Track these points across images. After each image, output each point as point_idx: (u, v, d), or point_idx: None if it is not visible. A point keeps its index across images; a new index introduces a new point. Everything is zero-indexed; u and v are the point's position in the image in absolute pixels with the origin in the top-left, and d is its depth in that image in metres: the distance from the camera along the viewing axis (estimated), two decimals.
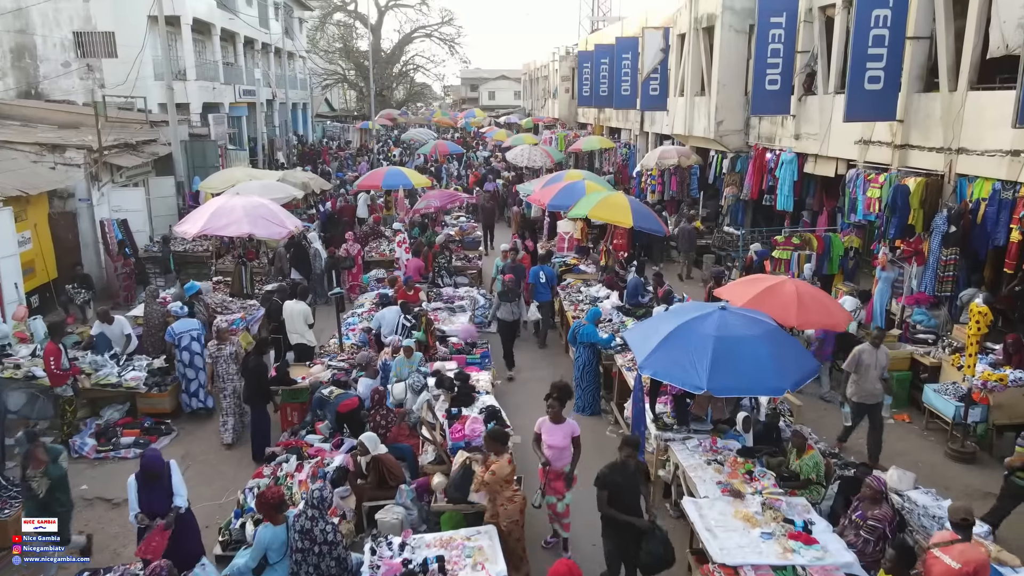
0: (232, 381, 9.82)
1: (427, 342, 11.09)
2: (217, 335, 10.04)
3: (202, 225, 12.66)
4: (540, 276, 13.65)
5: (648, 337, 7.56)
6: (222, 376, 9.85)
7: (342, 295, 11.60)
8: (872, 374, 8.94)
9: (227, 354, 9.87)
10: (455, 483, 7.10)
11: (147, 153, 18.29)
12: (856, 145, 14.98)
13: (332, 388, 9.26)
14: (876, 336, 9.11)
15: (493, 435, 7.02)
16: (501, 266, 14.24)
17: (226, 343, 9.97)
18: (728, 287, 9.25)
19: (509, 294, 12.42)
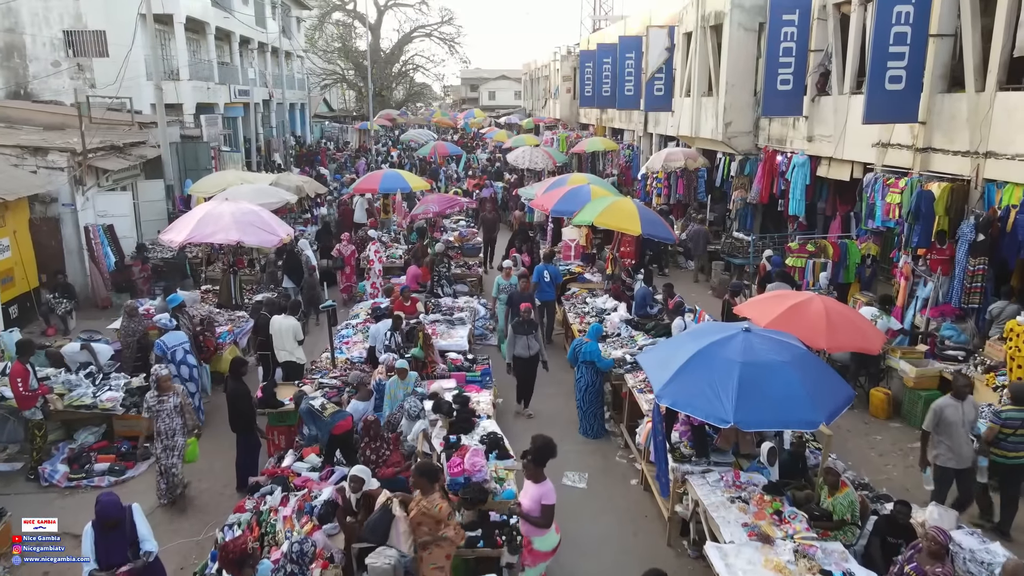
0: (175, 436, 8.39)
1: (425, 359, 10.42)
2: (157, 384, 8.40)
3: (188, 233, 12.00)
4: (544, 275, 13.61)
5: (665, 362, 6.89)
6: (164, 432, 8.33)
7: (335, 308, 10.92)
8: (960, 433, 7.47)
9: (170, 407, 8.36)
10: (371, 526, 6.28)
11: (135, 156, 17.63)
12: (874, 148, 14.31)
13: (324, 401, 8.53)
14: (961, 385, 7.64)
15: (421, 470, 6.24)
16: (503, 285, 13.04)
17: (168, 394, 8.39)
18: (750, 305, 8.58)
19: (526, 326, 10.70)
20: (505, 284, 13.01)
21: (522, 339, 10.55)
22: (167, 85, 26.98)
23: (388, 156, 39.40)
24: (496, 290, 13.19)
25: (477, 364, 11.01)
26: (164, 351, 10.08)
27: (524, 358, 10.63)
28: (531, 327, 10.64)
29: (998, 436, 7.55)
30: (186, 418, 8.55)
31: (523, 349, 10.59)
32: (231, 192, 16.54)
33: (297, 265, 14.98)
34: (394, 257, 17.41)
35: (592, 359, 9.76)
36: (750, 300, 8.93)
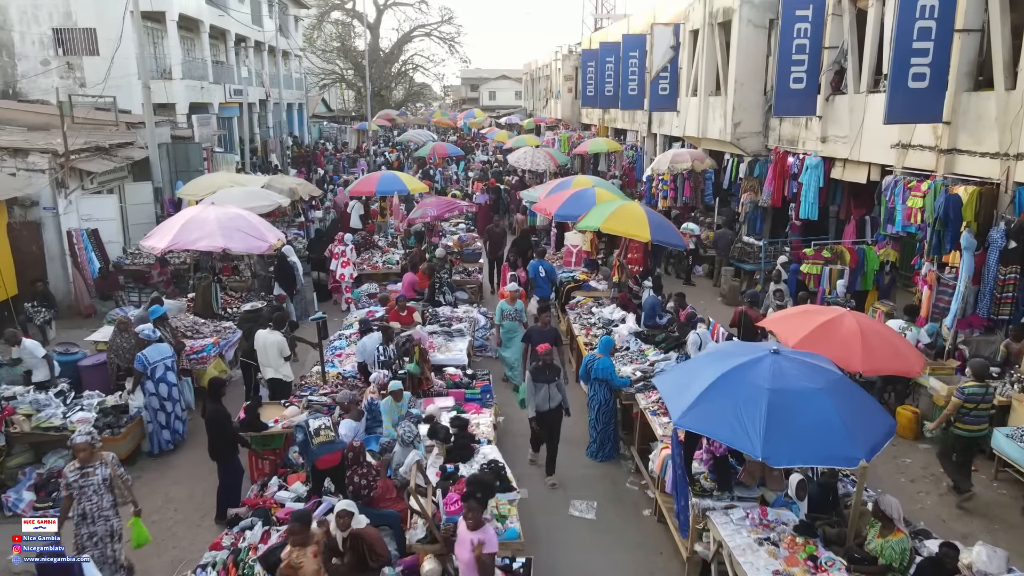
0: (104, 521, 6.59)
1: (421, 375, 9.74)
2: (75, 452, 6.58)
3: (171, 239, 11.32)
4: (540, 270, 13.80)
5: (685, 386, 6.22)
6: (89, 516, 6.54)
7: (325, 320, 10.24)
8: None
9: (97, 482, 6.51)
10: None
11: (121, 157, 16.95)
12: (893, 149, 13.63)
13: (321, 424, 7.78)
14: None
15: (295, 516, 5.79)
16: (507, 311, 11.53)
17: (93, 465, 6.53)
18: (776, 320, 7.88)
19: (547, 372, 8.62)
20: (510, 310, 11.56)
21: (543, 388, 8.63)
22: (159, 84, 26.43)
23: (385, 157, 38.71)
24: (499, 316, 11.64)
25: (477, 380, 10.33)
26: (145, 366, 9.40)
27: (545, 411, 8.73)
28: (554, 373, 8.69)
29: (960, 411, 8.02)
30: (119, 493, 6.71)
31: (544, 400, 8.67)
32: (221, 195, 15.88)
33: (290, 273, 14.30)
34: (390, 263, 16.74)
35: (606, 376, 9.04)
36: (776, 315, 8.22)
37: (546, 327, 10.07)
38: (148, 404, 9.53)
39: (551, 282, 14.14)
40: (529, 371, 8.84)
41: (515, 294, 11.69)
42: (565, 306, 13.57)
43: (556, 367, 8.82)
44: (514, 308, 11.52)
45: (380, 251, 17.65)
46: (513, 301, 11.57)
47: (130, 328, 10.32)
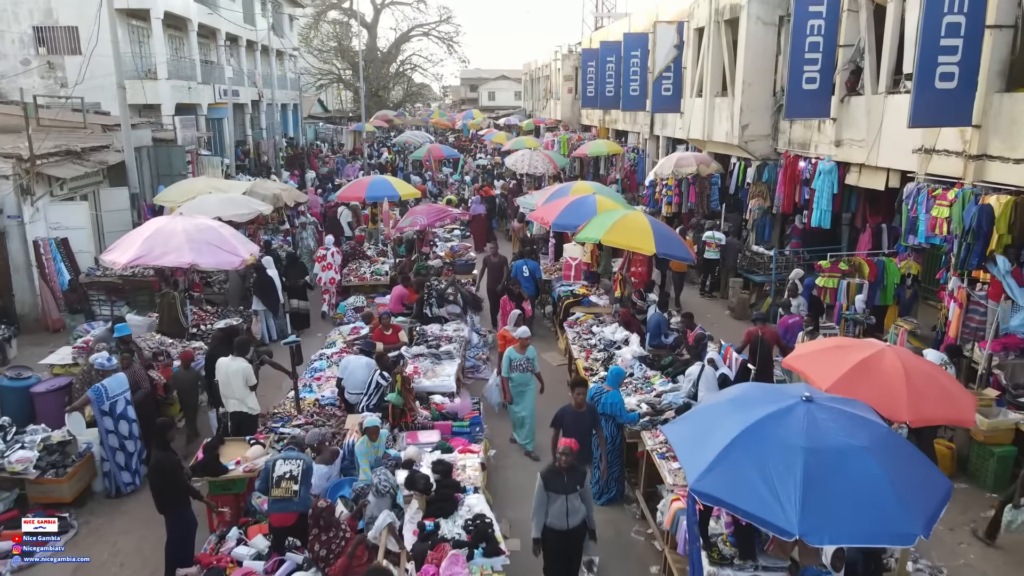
0: None
1: (404, 406, 8.81)
2: None
3: (133, 253, 10.38)
4: (524, 270, 13.78)
5: (702, 439, 5.29)
6: None
7: (299, 343, 9.31)
8: None
9: None
10: None
11: (94, 162, 16.01)
12: (915, 154, 12.69)
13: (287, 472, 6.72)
14: None
15: None
16: (517, 360, 9.64)
17: None
18: (804, 358, 6.90)
19: (565, 479, 6.26)
20: (519, 359, 9.65)
21: (558, 500, 6.19)
22: (145, 84, 25.56)
23: (377, 159, 37.76)
24: (507, 366, 9.67)
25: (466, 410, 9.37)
26: (103, 399, 8.44)
27: (560, 531, 6.25)
28: (576, 479, 6.28)
29: None
30: None
31: (558, 517, 6.21)
32: (198, 202, 14.97)
33: (270, 285, 13.37)
34: (379, 274, 15.80)
35: (614, 412, 8.09)
36: (803, 350, 7.22)
37: (582, 408, 7.63)
38: (106, 442, 8.55)
39: (535, 281, 14.17)
40: (541, 476, 6.29)
41: (525, 340, 9.79)
42: (564, 323, 12.63)
43: (581, 472, 6.39)
44: (524, 357, 9.73)
45: (368, 261, 16.71)
46: (523, 349, 9.74)
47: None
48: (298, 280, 14.83)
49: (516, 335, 9.85)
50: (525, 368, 9.72)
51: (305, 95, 55.96)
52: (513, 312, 11.16)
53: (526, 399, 9.76)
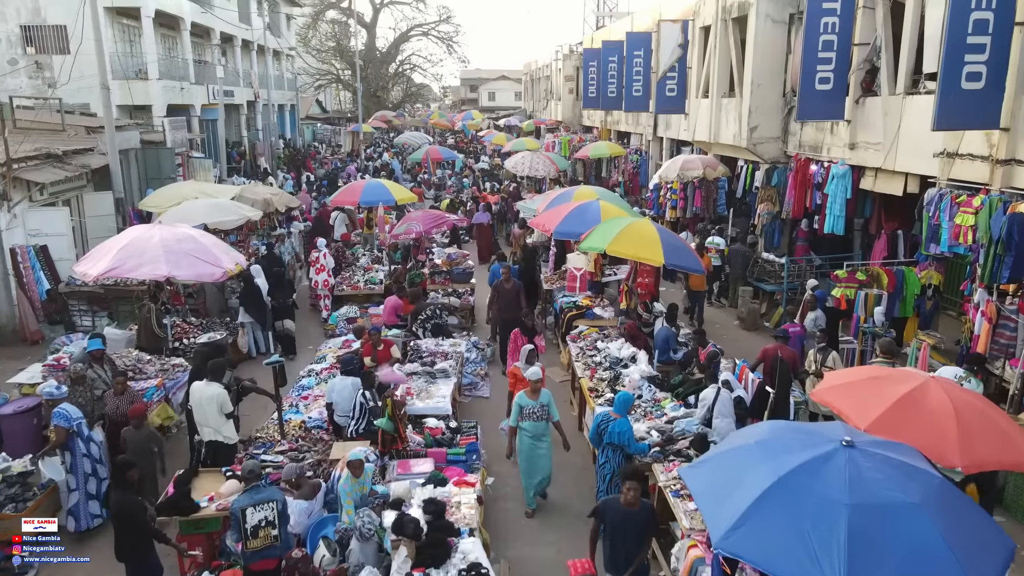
0: None
1: (395, 432, 8.15)
2: None
3: (106, 265, 9.72)
4: (500, 273, 13.25)
5: (727, 490, 4.63)
6: None
7: (282, 364, 8.66)
8: None
9: None
10: None
11: (76, 165, 15.36)
12: (937, 158, 12.03)
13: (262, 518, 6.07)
14: None
15: None
16: (529, 408, 8.15)
17: None
18: (838, 390, 6.14)
19: None
20: (532, 406, 8.12)
21: None
22: (135, 85, 24.92)
23: (382, 160, 37.09)
24: (516, 414, 8.20)
25: (462, 435, 8.71)
26: (69, 422, 7.77)
27: None
28: None
29: None
30: None
31: None
32: (184, 208, 14.34)
33: (257, 296, 12.71)
34: (373, 282, 15.14)
35: (622, 443, 7.39)
36: (834, 381, 6.46)
37: (634, 504, 6.05)
38: (76, 467, 7.85)
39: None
40: None
41: (537, 383, 8.20)
42: (566, 336, 11.96)
43: None
44: (538, 404, 8.13)
45: (362, 269, 16.05)
46: (536, 393, 8.17)
47: (84, 381, 8.53)
48: (286, 299, 13.68)
49: (527, 376, 8.33)
50: (539, 417, 8.13)
51: (303, 96, 55.31)
52: (524, 347, 9.51)
53: (540, 458, 8.17)
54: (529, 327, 10.91)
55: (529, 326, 10.94)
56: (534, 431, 8.14)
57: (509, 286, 12.39)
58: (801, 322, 12.25)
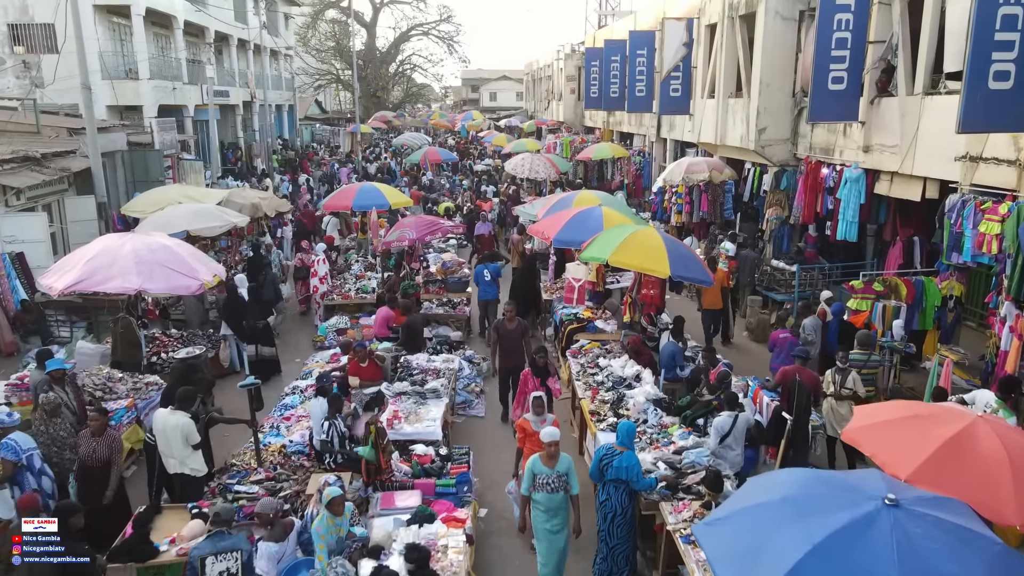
0: None
1: (378, 462, 7.49)
2: None
3: (72, 277, 9.07)
4: (484, 274, 13.39)
5: (752, 557, 3.97)
6: None
7: (258, 386, 8.01)
8: None
9: None
10: None
11: (55, 168, 14.73)
12: (959, 162, 11.37)
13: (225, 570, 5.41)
14: None
15: None
16: (544, 476, 6.64)
17: None
18: (872, 431, 5.38)
19: None
20: (547, 475, 6.62)
21: None
22: (125, 85, 24.34)
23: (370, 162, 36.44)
24: (528, 482, 6.72)
25: (452, 463, 8.04)
26: (17, 455, 7.11)
27: None
28: None
29: None
30: None
31: None
32: (166, 213, 13.72)
33: (239, 308, 12.05)
34: (365, 291, 14.48)
35: (628, 478, 6.54)
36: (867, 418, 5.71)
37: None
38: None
39: (496, 283, 13.59)
40: None
41: (553, 448, 6.63)
42: (566, 351, 11.29)
43: None
44: (554, 473, 6.61)
45: (355, 276, 15.40)
46: (553, 460, 6.63)
47: (60, 411, 7.78)
48: (258, 322, 12.18)
49: (542, 438, 6.70)
50: (556, 488, 6.61)
51: (302, 96, 54.71)
52: (532, 395, 7.84)
53: (557, 539, 6.75)
54: (541, 366, 9.15)
55: (541, 365, 9.15)
56: (549, 504, 6.65)
57: (513, 326, 10.40)
58: None
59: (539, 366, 9.14)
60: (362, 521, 6.87)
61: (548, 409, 7.81)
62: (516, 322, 10.50)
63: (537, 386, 8.68)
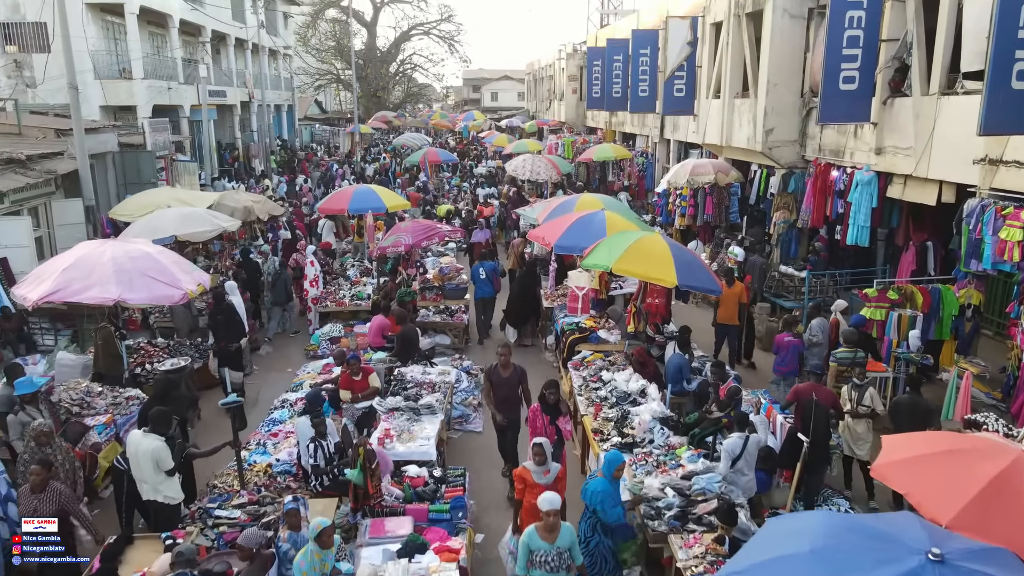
0: None
1: (367, 487, 7.03)
2: None
3: (47, 288, 8.62)
4: (480, 273, 13.39)
5: None
6: None
7: (241, 404, 7.55)
8: None
9: None
10: None
11: (40, 171, 14.27)
12: (977, 165, 10.90)
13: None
14: None
15: None
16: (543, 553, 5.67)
17: None
18: (905, 467, 4.87)
19: None
20: (546, 551, 5.65)
21: None
22: (117, 85, 23.92)
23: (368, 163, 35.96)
24: (524, 559, 5.75)
25: (447, 486, 7.57)
26: None
27: None
28: None
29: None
30: None
31: None
32: (154, 218, 13.27)
33: (230, 317, 11.58)
34: (360, 297, 14.02)
35: (593, 504, 6.08)
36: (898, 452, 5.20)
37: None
38: None
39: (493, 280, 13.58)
40: None
41: (552, 518, 5.62)
42: (567, 363, 10.82)
43: None
44: (554, 549, 5.63)
45: (349, 282, 14.94)
46: (552, 533, 5.65)
47: (52, 441, 7.06)
48: (230, 344, 11.05)
49: (540, 504, 5.64)
50: (556, 566, 5.62)
51: (302, 96, 54.28)
52: (535, 441, 6.69)
53: None
54: (551, 403, 7.84)
55: (552, 402, 7.84)
56: None
57: (508, 373, 8.61)
58: None
59: (549, 403, 7.82)
60: (349, 552, 6.42)
61: (555, 456, 6.84)
62: (512, 368, 8.65)
63: (546, 425, 7.68)
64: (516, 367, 8.75)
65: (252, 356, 12.82)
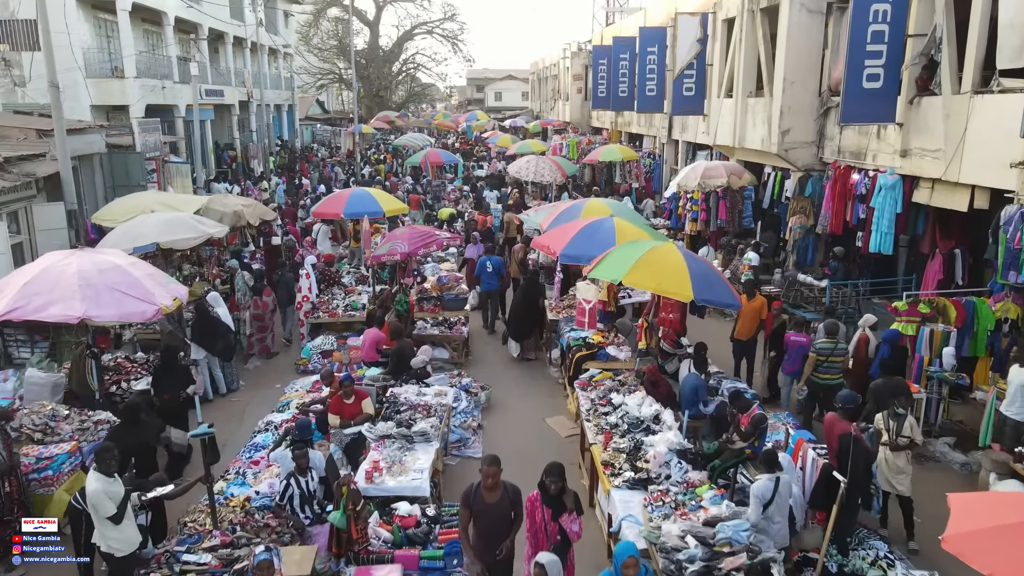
0: None
1: (350, 532, 6.28)
2: None
3: (6, 304, 7.85)
4: (487, 266, 13.54)
5: None
6: None
7: (213, 436, 6.81)
8: None
9: None
10: None
11: (18, 173, 13.56)
12: (1015, 169, 10.10)
13: None
14: None
15: None
16: None
17: None
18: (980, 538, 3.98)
19: None
20: None
21: None
22: (109, 83, 23.25)
23: (364, 165, 35.26)
24: None
25: (441, 527, 6.81)
26: None
27: None
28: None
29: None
30: None
31: None
32: (136, 223, 12.55)
33: (211, 328, 10.87)
34: (355, 307, 13.28)
35: None
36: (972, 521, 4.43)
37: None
38: None
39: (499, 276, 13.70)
40: None
41: None
42: (574, 381, 10.05)
43: None
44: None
45: (344, 290, 14.20)
46: None
47: None
48: (177, 391, 8.97)
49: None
50: None
51: (303, 96, 53.60)
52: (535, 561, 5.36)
53: None
54: (554, 494, 5.84)
55: (554, 493, 5.83)
56: None
57: (494, 499, 5.89)
58: None
59: (551, 494, 5.85)
60: None
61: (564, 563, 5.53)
62: (500, 491, 5.93)
63: (546, 522, 5.85)
64: (507, 487, 5.98)
65: (240, 370, 12.11)
